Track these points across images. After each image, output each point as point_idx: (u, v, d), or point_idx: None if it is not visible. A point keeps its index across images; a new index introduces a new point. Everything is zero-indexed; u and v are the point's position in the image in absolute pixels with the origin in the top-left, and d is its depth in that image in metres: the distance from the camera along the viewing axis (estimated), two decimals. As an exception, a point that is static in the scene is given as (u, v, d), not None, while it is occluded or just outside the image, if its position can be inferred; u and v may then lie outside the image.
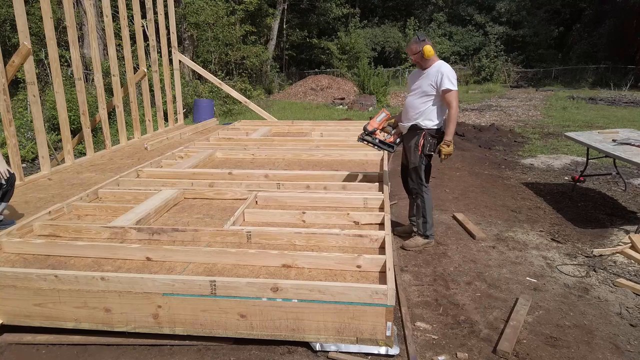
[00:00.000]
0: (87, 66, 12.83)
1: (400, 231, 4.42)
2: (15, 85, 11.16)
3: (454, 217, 4.92)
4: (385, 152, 5.81)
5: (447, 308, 3.17)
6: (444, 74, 3.71)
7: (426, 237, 4.06)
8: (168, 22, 8.86)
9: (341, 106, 17.30)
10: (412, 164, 3.95)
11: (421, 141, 3.85)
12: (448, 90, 3.70)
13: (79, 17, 13.43)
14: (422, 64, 3.84)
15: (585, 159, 6.10)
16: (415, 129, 3.89)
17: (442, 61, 3.85)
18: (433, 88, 3.76)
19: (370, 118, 4.25)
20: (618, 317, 3.08)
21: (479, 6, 31.67)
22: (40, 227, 3.51)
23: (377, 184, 4.40)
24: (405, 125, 3.98)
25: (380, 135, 4.11)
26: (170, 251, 3.04)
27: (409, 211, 4.39)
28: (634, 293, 3.38)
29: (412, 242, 4.07)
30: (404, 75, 29.14)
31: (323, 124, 8.97)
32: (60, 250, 3.14)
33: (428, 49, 3.70)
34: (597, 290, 3.44)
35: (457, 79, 3.86)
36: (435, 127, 3.87)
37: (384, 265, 2.80)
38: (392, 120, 4.20)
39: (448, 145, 3.74)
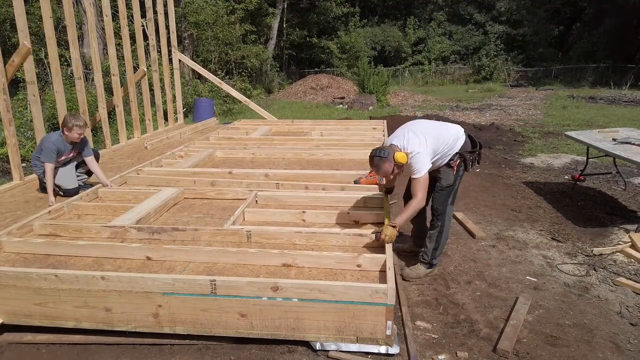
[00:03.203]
0: (86, 65, 12.82)
1: (400, 249, 3.98)
2: (15, 85, 11.13)
3: (454, 216, 4.91)
4: None
5: (447, 307, 3.17)
6: (410, 165, 3.17)
7: (430, 265, 3.53)
8: (168, 22, 8.85)
9: (341, 105, 17.29)
10: (446, 183, 3.36)
11: (457, 161, 3.30)
12: (414, 179, 3.17)
13: (78, 17, 13.42)
14: (403, 169, 3.28)
15: (585, 158, 6.09)
16: (449, 163, 3.33)
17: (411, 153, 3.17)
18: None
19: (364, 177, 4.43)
20: (618, 316, 3.08)
21: (479, 5, 31.65)
22: (40, 227, 3.51)
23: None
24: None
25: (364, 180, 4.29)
26: (170, 250, 3.05)
27: (413, 231, 3.94)
28: (634, 292, 3.38)
29: (413, 272, 3.53)
30: (404, 75, 29.13)
31: (323, 123, 8.97)
32: (61, 250, 3.14)
33: (399, 156, 3.10)
34: (597, 289, 3.44)
35: (457, 79, 3.57)
36: (461, 147, 3.30)
37: (384, 265, 2.81)
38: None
39: (394, 227, 3.12)
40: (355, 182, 4.39)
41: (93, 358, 2.65)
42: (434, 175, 3.43)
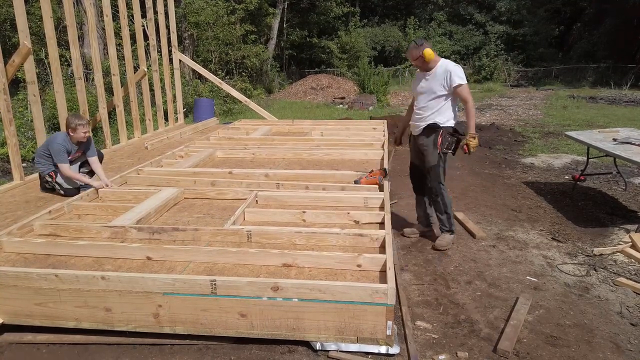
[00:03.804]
0: (87, 65, 12.82)
1: (409, 232, 4.41)
2: (16, 85, 11.14)
3: (454, 217, 4.91)
4: (386, 151, 5.83)
5: (448, 307, 3.17)
6: (451, 71, 3.77)
7: (452, 232, 4.11)
8: (168, 22, 8.85)
9: (341, 105, 17.29)
10: (430, 163, 3.96)
11: (439, 139, 3.88)
12: (459, 86, 3.78)
13: (79, 17, 13.42)
14: (425, 67, 3.91)
15: (585, 158, 6.10)
16: (434, 128, 3.92)
17: (445, 59, 3.92)
18: (444, 88, 3.82)
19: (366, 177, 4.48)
20: (618, 316, 3.08)
21: (479, 5, 31.65)
22: (40, 227, 3.51)
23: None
24: (420, 125, 4.01)
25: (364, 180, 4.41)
26: (170, 250, 3.04)
27: (418, 210, 4.43)
28: (635, 292, 3.38)
29: (444, 242, 4.07)
30: (404, 75, 29.11)
31: (323, 123, 8.97)
32: (61, 250, 3.14)
33: (428, 52, 3.75)
34: (597, 289, 3.44)
35: None
36: (452, 125, 3.92)
37: (384, 265, 2.80)
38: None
39: (474, 138, 3.82)
40: (356, 182, 4.39)
41: (93, 358, 2.65)
42: (419, 156, 4.11)
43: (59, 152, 4.32)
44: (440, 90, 3.83)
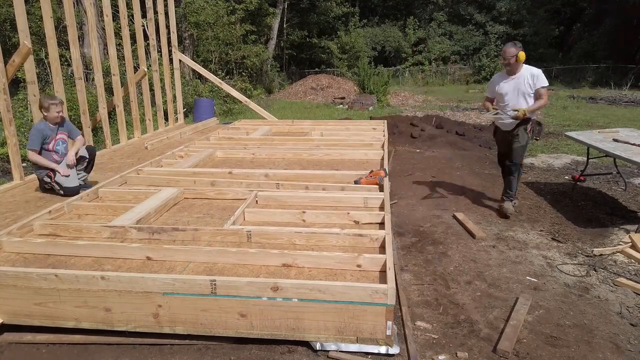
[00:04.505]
0: (87, 65, 12.81)
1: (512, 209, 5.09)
2: (16, 85, 11.13)
3: (454, 217, 4.92)
4: (385, 151, 5.84)
5: (447, 307, 3.17)
6: (537, 75, 4.59)
7: (513, 199, 5.07)
8: (168, 22, 8.86)
9: (341, 105, 17.29)
10: (520, 143, 4.79)
11: (529, 127, 4.73)
12: (543, 87, 4.61)
13: (79, 17, 13.41)
14: (511, 67, 4.70)
15: (585, 159, 6.09)
16: (527, 120, 4.72)
17: (527, 65, 4.70)
18: (530, 88, 4.62)
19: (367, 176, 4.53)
20: (618, 316, 3.08)
21: (479, 5, 31.63)
22: (40, 227, 3.51)
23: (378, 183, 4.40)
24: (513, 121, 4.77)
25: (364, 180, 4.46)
26: (170, 250, 3.04)
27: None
28: (634, 292, 3.38)
29: (510, 208, 4.93)
30: (404, 75, 29.09)
31: (323, 123, 8.97)
32: (61, 250, 3.14)
33: (522, 55, 4.57)
34: (597, 289, 3.44)
35: (458, 79, 3.99)
36: (535, 118, 4.84)
37: (384, 265, 2.81)
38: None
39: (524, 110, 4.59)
40: (356, 182, 4.39)
41: (93, 358, 2.65)
42: (510, 137, 4.82)
43: (32, 137, 4.42)
44: (528, 90, 4.63)
